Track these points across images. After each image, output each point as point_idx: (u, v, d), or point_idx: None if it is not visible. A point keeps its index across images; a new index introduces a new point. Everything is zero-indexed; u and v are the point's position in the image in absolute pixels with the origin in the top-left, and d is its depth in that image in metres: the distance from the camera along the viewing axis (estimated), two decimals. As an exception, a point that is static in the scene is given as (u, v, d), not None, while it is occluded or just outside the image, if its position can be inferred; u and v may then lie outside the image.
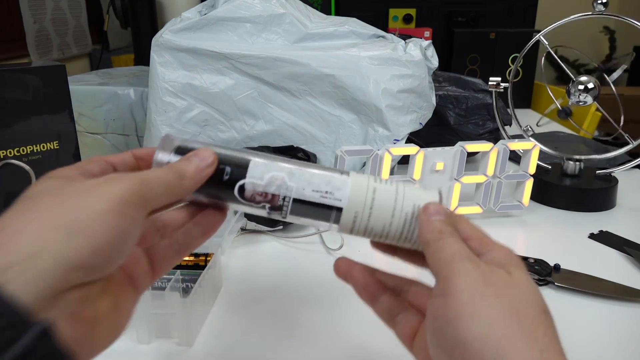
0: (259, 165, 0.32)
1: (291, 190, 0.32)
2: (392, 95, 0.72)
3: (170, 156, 0.32)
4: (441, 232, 0.31)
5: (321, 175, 0.32)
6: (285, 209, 0.32)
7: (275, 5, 0.74)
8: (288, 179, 0.32)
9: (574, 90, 0.78)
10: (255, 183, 0.32)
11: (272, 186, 0.32)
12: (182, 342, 0.46)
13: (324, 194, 0.32)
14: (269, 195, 0.32)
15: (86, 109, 0.89)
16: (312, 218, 0.33)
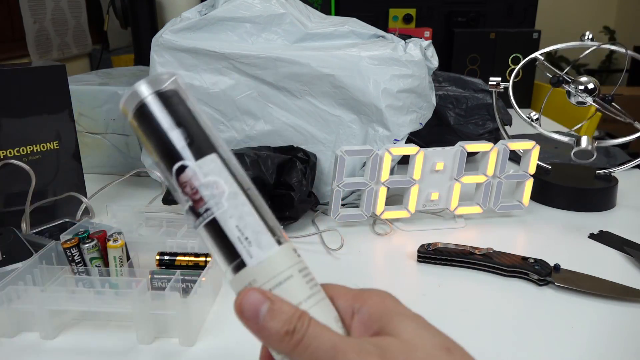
0: (215, 162, 0.28)
1: (219, 209, 0.28)
2: (392, 95, 0.72)
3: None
4: (288, 332, 0.26)
5: (256, 221, 0.28)
6: (200, 221, 0.28)
7: (275, 5, 0.74)
8: (226, 196, 0.28)
9: (574, 91, 0.78)
10: (196, 174, 0.28)
11: (207, 190, 0.28)
12: (182, 342, 0.46)
13: (242, 238, 0.28)
14: (197, 196, 0.28)
15: (86, 109, 0.89)
16: (217, 249, 0.29)
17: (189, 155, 0.28)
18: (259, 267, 0.28)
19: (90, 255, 0.52)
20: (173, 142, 0.28)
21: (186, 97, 0.29)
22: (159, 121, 0.28)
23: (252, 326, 0.27)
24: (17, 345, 0.46)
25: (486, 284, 0.57)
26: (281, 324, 0.26)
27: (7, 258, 0.53)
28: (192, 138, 0.28)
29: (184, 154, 0.28)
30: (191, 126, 0.29)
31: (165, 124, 0.28)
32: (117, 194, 0.83)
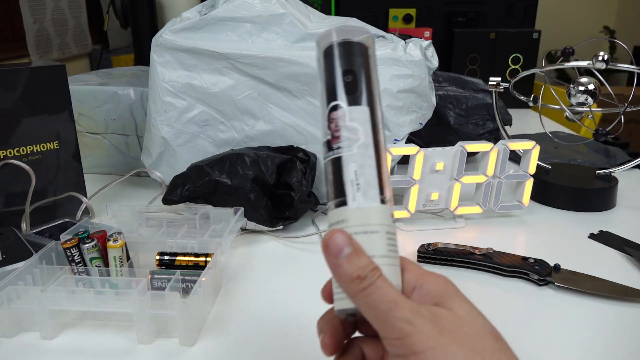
0: (363, 114, 0.32)
1: (348, 151, 0.31)
2: (392, 95, 0.72)
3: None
4: (359, 277, 0.29)
5: (372, 175, 0.32)
6: (330, 155, 0.32)
7: (275, 5, 0.74)
8: (359, 144, 0.32)
9: (574, 92, 0.78)
10: (344, 116, 0.32)
11: (346, 132, 0.32)
12: (182, 342, 0.46)
13: (354, 182, 0.31)
14: (337, 134, 0.32)
15: (86, 109, 0.89)
16: (331, 182, 0.32)
17: (344, 99, 0.32)
18: (356, 211, 0.31)
19: (90, 255, 0.52)
20: (337, 84, 0.33)
21: (370, 54, 0.34)
22: (335, 63, 0.33)
23: (332, 262, 0.30)
24: (17, 345, 0.46)
25: (486, 284, 0.57)
26: (355, 268, 0.29)
27: (7, 258, 0.53)
28: (355, 87, 0.33)
29: (341, 96, 0.32)
30: (358, 77, 0.33)
31: (338, 67, 0.33)
32: (117, 194, 0.83)
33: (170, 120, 0.75)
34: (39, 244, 0.56)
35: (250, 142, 0.76)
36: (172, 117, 0.75)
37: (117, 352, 0.45)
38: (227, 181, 0.66)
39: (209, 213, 0.65)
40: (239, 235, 0.68)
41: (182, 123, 0.75)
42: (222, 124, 0.76)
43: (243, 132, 0.76)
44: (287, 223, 0.68)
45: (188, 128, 0.76)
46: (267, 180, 0.67)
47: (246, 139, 0.76)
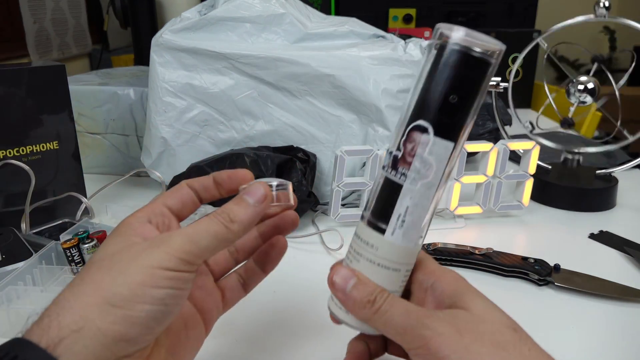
0: (446, 150, 0.28)
1: (411, 184, 0.29)
2: (392, 95, 0.72)
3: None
4: (370, 301, 0.30)
5: (420, 217, 0.30)
6: (392, 175, 0.29)
7: (275, 5, 0.74)
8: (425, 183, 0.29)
9: (573, 90, 0.78)
10: (427, 145, 0.28)
11: (419, 164, 0.28)
12: (182, 342, 0.46)
13: (401, 217, 0.30)
14: (409, 158, 0.28)
15: (86, 109, 0.89)
16: (375, 199, 0.31)
17: (436, 124, 0.27)
18: (389, 245, 0.30)
19: (90, 255, 0.52)
20: (437, 101, 0.27)
21: (488, 78, 0.28)
22: (446, 73, 0.27)
23: (340, 295, 0.31)
24: (17, 345, 0.46)
25: (486, 284, 0.56)
26: (364, 294, 0.30)
27: (6, 258, 0.53)
28: (454, 114, 0.27)
29: (434, 119, 0.27)
30: (464, 104, 0.27)
31: (448, 79, 0.27)
32: (117, 194, 0.83)
33: (170, 120, 0.75)
34: (39, 244, 0.56)
35: (250, 142, 0.76)
36: (172, 117, 0.75)
37: (116, 352, 0.45)
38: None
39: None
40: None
41: (182, 123, 0.75)
42: (222, 124, 0.76)
43: (243, 132, 0.76)
44: (287, 223, 0.68)
45: (188, 128, 0.76)
46: (267, 180, 0.67)
47: (246, 139, 0.76)
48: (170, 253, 0.28)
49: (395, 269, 0.31)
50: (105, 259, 0.29)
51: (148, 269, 0.27)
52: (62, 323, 0.25)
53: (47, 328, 0.25)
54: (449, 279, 0.32)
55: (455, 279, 0.32)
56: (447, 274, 0.32)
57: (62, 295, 0.27)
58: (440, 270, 0.32)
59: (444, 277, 0.32)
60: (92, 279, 0.27)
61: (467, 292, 0.31)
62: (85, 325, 0.25)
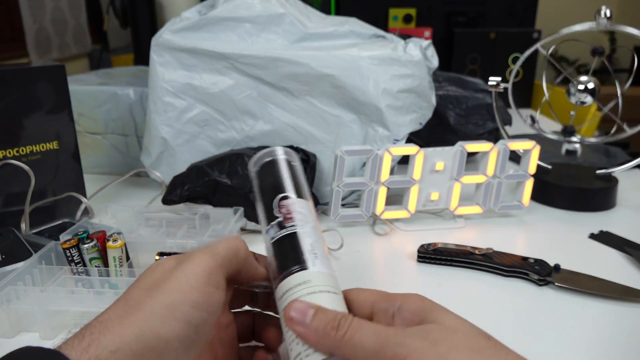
0: (308, 206, 0.39)
1: (303, 228, 0.37)
2: (392, 95, 0.72)
3: None
4: (334, 327, 0.30)
5: (323, 250, 0.36)
6: (283, 232, 0.37)
7: (275, 5, 0.74)
8: (310, 225, 0.38)
9: (573, 90, 0.78)
10: (295, 204, 0.38)
11: (298, 215, 0.37)
12: (182, 342, 0.46)
13: (312, 252, 0.35)
14: (289, 215, 0.37)
15: (86, 109, 0.89)
16: (283, 254, 0.36)
17: (292, 192, 0.39)
18: (318, 274, 0.34)
19: (90, 255, 0.52)
20: (285, 181, 0.40)
21: (300, 172, 0.43)
22: (281, 167, 0.41)
23: (300, 329, 0.30)
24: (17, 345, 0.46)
25: (486, 284, 0.57)
26: (326, 322, 0.30)
27: (6, 258, 0.53)
28: (298, 188, 0.40)
29: (290, 189, 0.39)
30: (299, 183, 0.41)
31: (285, 170, 0.41)
32: (117, 194, 0.83)
33: (170, 120, 0.75)
34: (39, 244, 0.56)
35: (250, 142, 0.76)
36: (172, 117, 0.75)
37: (116, 352, 0.45)
38: (227, 181, 0.66)
39: (208, 213, 0.65)
40: (239, 235, 0.68)
41: (181, 123, 0.75)
42: (222, 124, 0.76)
43: (243, 132, 0.76)
44: (287, 223, 0.68)
45: (188, 128, 0.76)
46: (267, 180, 0.67)
47: (246, 139, 0.76)
48: (203, 265, 0.33)
49: (333, 292, 0.33)
50: (152, 283, 0.31)
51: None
52: (102, 342, 0.28)
53: (87, 346, 0.28)
54: (414, 299, 0.32)
55: (421, 299, 0.32)
56: (412, 296, 0.32)
57: (107, 315, 0.30)
58: (402, 295, 0.32)
59: (409, 299, 0.32)
60: (136, 300, 0.30)
61: (435, 308, 0.31)
62: (121, 347, 0.27)
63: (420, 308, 0.31)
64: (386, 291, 0.34)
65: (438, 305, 0.31)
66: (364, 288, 0.35)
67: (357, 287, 0.36)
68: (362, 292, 0.34)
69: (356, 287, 0.35)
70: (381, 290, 0.34)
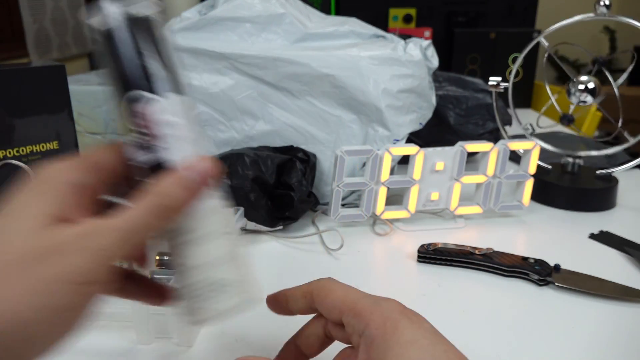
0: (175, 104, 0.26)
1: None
2: (392, 95, 0.72)
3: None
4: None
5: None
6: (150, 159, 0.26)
7: (275, 5, 0.74)
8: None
9: (574, 90, 0.78)
10: (158, 108, 0.26)
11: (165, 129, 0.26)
12: (182, 342, 0.46)
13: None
14: (152, 133, 0.26)
15: (86, 109, 0.89)
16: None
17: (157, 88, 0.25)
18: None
19: (90, 255, 0.52)
20: (133, 75, 0.25)
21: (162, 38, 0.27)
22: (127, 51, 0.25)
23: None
24: (17, 345, 0.46)
25: (486, 284, 0.57)
26: None
27: (6, 258, 0.53)
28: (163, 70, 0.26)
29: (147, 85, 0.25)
30: (164, 61, 0.26)
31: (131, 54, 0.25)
32: (117, 194, 0.82)
33: (170, 120, 0.75)
34: (39, 244, 0.56)
35: (250, 142, 0.76)
36: (172, 117, 0.75)
37: (116, 352, 0.45)
38: (227, 181, 0.66)
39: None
40: (239, 235, 0.68)
41: (182, 123, 0.75)
42: (222, 124, 0.76)
43: (243, 132, 0.76)
44: (287, 223, 0.68)
45: (188, 128, 0.76)
46: (267, 180, 0.67)
47: (246, 139, 0.76)
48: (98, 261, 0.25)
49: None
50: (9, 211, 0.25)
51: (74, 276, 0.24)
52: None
53: None
54: (376, 322, 0.29)
55: (383, 322, 0.29)
56: (375, 317, 0.29)
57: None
58: (371, 311, 0.29)
59: (371, 322, 0.29)
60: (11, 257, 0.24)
61: (393, 345, 0.28)
62: None
63: (380, 342, 0.28)
64: (359, 292, 0.31)
65: (398, 337, 0.28)
66: (334, 283, 0.32)
67: (328, 279, 0.33)
68: (331, 293, 0.32)
69: (355, 286, 0.34)
70: (351, 293, 0.31)
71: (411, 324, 0.29)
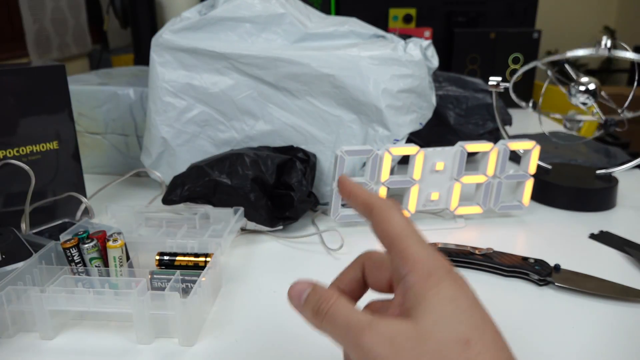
0: None
1: None
2: (392, 95, 0.72)
3: None
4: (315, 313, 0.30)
5: None
6: None
7: (275, 5, 0.74)
8: None
9: (574, 92, 0.78)
10: None
11: None
12: (182, 342, 0.46)
13: None
14: None
15: (86, 109, 0.89)
16: None
17: None
18: None
19: (90, 255, 0.52)
20: None
21: None
22: None
23: (298, 311, 0.32)
24: (17, 345, 0.46)
25: (486, 284, 0.57)
26: (312, 305, 0.30)
27: (6, 258, 0.53)
28: None
29: None
30: None
31: None
32: (117, 194, 0.83)
33: (170, 120, 0.75)
34: (39, 244, 0.56)
35: (250, 142, 0.76)
36: (172, 117, 0.75)
37: (116, 352, 0.45)
38: (227, 181, 0.66)
39: (208, 213, 0.65)
40: (239, 235, 0.68)
41: (181, 123, 0.75)
42: (222, 124, 0.76)
43: (243, 132, 0.76)
44: (287, 223, 0.68)
45: (188, 128, 0.76)
46: (267, 180, 0.67)
47: (246, 139, 0.76)
48: None
49: None
50: None
51: None
52: None
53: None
54: (420, 272, 0.28)
55: (426, 276, 0.28)
56: (420, 266, 0.29)
57: None
58: (415, 256, 0.29)
59: (415, 267, 0.29)
60: None
61: (431, 293, 0.28)
62: None
63: (418, 289, 0.28)
64: (415, 235, 0.30)
65: (438, 286, 0.28)
66: (396, 211, 0.31)
67: (392, 201, 0.32)
68: (391, 220, 0.31)
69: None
70: (409, 232, 0.30)
71: (454, 284, 0.29)
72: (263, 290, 0.55)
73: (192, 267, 0.53)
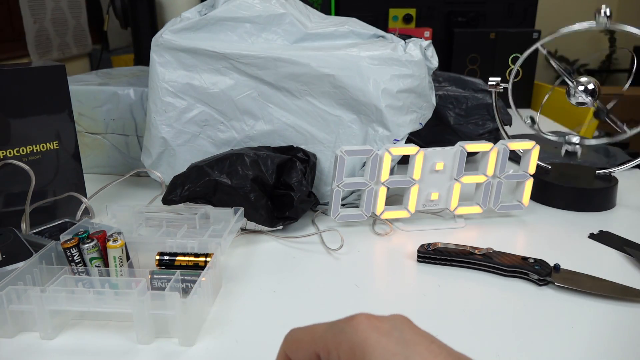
0: None
1: None
2: (392, 95, 0.72)
3: None
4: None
5: None
6: None
7: (275, 5, 0.74)
8: None
9: (573, 91, 0.78)
10: None
11: None
12: (182, 342, 0.46)
13: None
14: None
15: (86, 109, 0.89)
16: None
17: None
18: None
19: (90, 255, 0.52)
20: None
21: None
22: None
23: None
24: (17, 345, 0.46)
25: (486, 284, 0.57)
26: None
27: (7, 258, 0.53)
28: None
29: None
30: None
31: None
32: (117, 194, 0.83)
33: (170, 120, 0.75)
34: (39, 244, 0.56)
35: (250, 142, 0.76)
36: (172, 117, 0.75)
37: (116, 352, 0.45)
38: (227, 181, 0.66)
39: (208, 213, 0.65)
40: (239, 235, 0.68)
41: (182, 123, 0.75)
42: (222, 124, 0.76)
43: (243, 132, 0.76)
44: (287, 223, 0.68)
45: (188, 128, 0.76)
46: (267, 180, 0.67)
47: (246, 139, 0.76)
48: None
49: None
50: None
51: None
52: None
53: None
54: (346, 352, 0.27)
55: (352, 350, 0.27)
56: (343, 346, 0.27)
57: None
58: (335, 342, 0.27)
59: (342, 352, 0.27)
60: None
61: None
62: None
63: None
64: (323, 326, 0.29)
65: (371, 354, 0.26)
66: (298, 331, 0.30)
67: (292, 331, 0.30)
68: (300, 344, 0.29)
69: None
70: (316, 332, 0.29)
71: (379, 339, 0.27)
72: (263, 290, 0.56)
73: (192, 267, 0.53)
